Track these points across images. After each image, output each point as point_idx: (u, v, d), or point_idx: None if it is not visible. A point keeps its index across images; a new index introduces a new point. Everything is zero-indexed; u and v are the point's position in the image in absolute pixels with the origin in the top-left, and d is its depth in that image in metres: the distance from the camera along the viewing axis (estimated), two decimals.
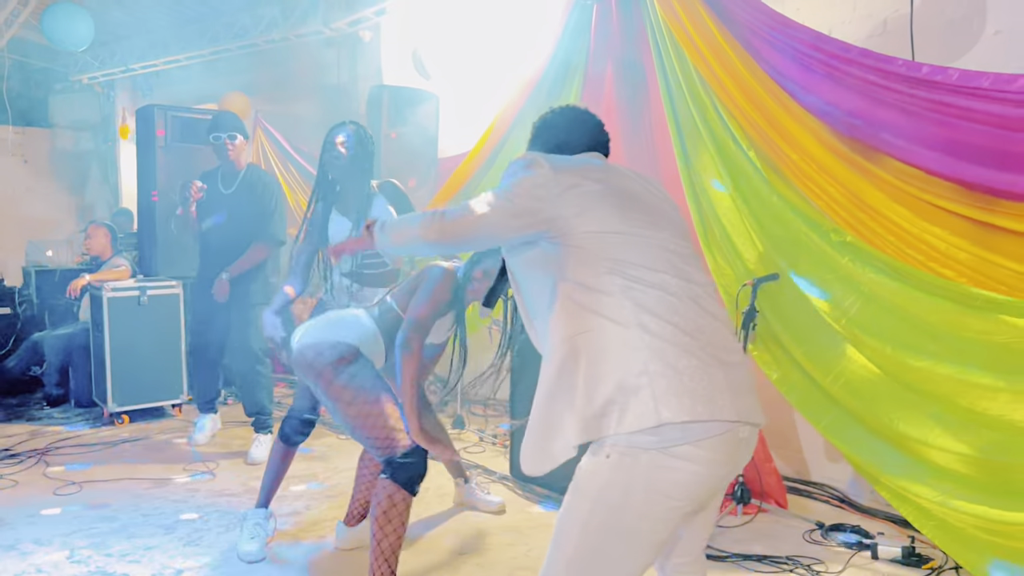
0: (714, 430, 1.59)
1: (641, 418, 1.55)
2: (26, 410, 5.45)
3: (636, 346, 1.60)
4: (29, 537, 3.28)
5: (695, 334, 1.64)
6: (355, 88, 6.43)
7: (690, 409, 1.55)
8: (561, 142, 1.93)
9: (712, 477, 1.63)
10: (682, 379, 1.58)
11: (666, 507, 1.61)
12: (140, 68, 7.97)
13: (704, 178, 3.59)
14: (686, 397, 1.56)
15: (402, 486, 2.65)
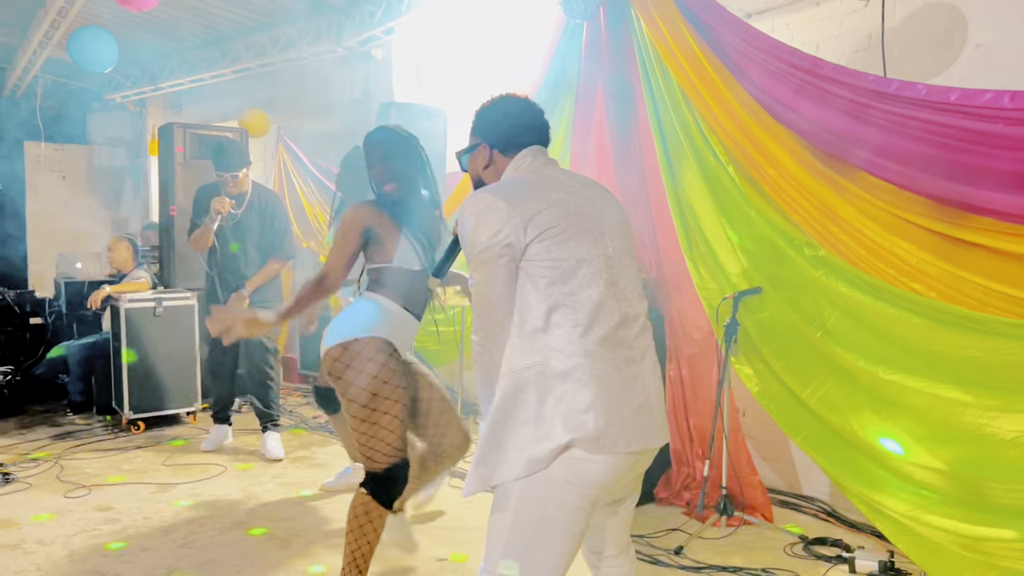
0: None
1: (586, 450, 1.74)
2: (50, 416, 5.68)
3: (585, 383, 1.75)
4: (34, 537, 3.44)
5: (628, 370, 1.82)
6: (369, 105, 6.59)
7: (626, 444, 1.77)
8: (509, 134, 1.98)
9: (624, 468, 1.80)
10: (622, 415, 1.78)
11: (581, 495, 1.76)
12: (168, 87, 8.26)
13: (689, 194, 3.63)
14: (625, 433, 1.77)
15: (380, 503, 2.72)
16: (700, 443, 3.85)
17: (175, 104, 9.09)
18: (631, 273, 1.93)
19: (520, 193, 1.84)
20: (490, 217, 1.78)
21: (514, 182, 1.92)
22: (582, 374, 1.76)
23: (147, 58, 8.35)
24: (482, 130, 2.03)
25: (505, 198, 1.81)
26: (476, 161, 2.04)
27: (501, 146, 1.99)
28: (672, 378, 3.93)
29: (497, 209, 1.79)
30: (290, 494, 4.05)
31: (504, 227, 1.77)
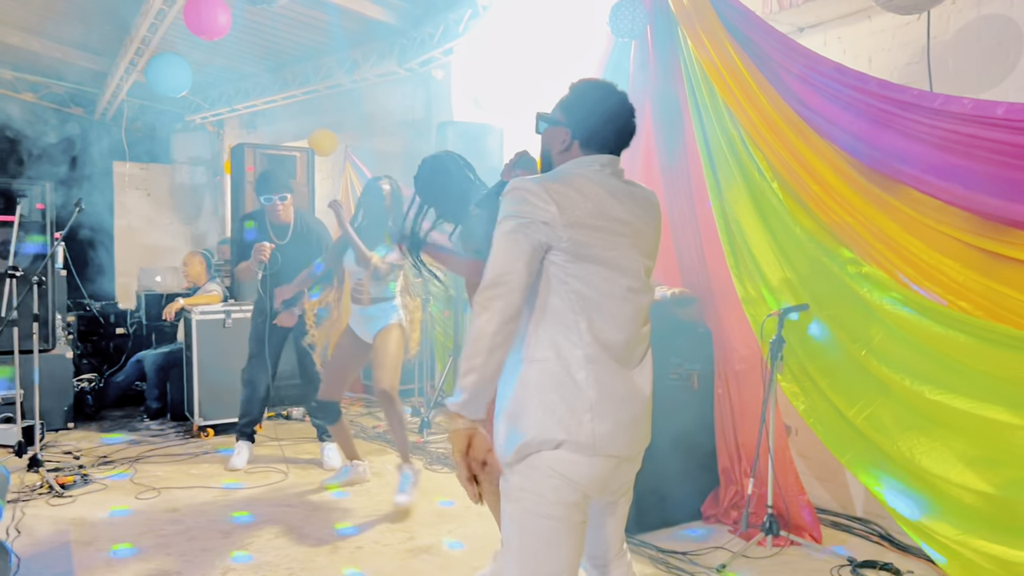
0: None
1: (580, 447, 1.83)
2: (128, 421, 6.01)
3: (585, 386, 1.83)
4: (106, 536, 3.67)
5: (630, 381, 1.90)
6: (430, 124, 6.78)
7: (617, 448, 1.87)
8: (595, 131, 1.93)
9: (610, 470, 1.88)
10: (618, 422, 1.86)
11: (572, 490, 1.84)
12: (243, 108, 8.65)
13: (735, 210, 3.63)
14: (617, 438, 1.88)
15: None
16: (748, 461, 3.82)
17: (249, 125, 9.52)
18: (649, 294, 2.00)
19: (572, 197, 1.84)
20: (536, 200, 1.79)
21: (571, 183, 1.86)
22: (586, 378, 1.83)
23: (223, 81, 8.78)
24: (570, 112, 1.96)
25: (556, 195, 1.81)
26: (553, 138, 1.99)
27: (583, 139, 1.93)
28: (720, 395, 3.91)
29: (545, 198, 1.79)
30: (345, 500, 4.19)
31: (545, 215, 1.78)
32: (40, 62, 9.18)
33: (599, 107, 1.95)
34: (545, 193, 1.80)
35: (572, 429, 1.82)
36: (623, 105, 1.97)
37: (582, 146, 1.94)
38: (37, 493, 4.21)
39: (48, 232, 5.68)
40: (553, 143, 1.99)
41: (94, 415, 6.10)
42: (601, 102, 1.95)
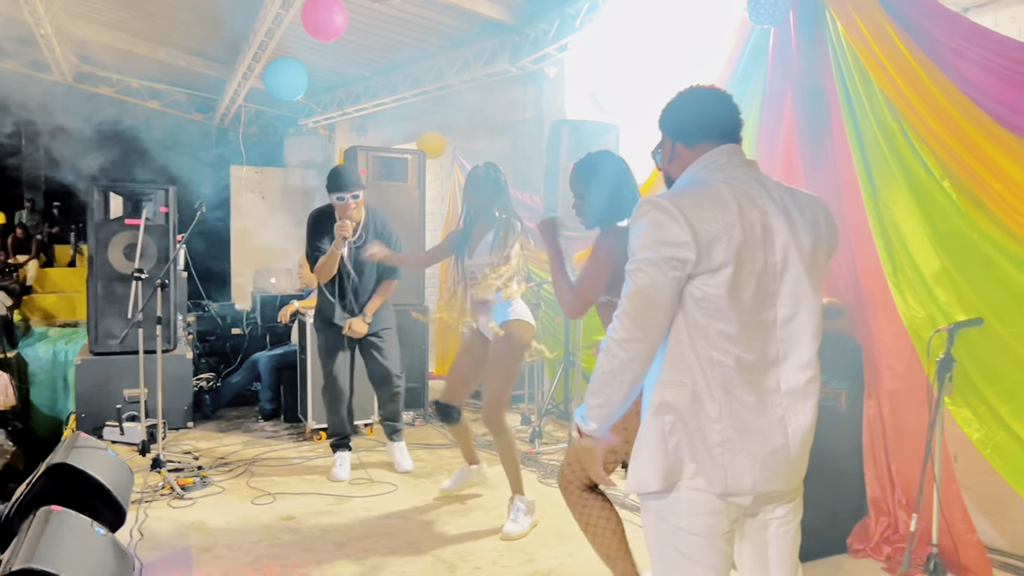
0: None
1: (711, 487, 1.73)
2: (243, 422, 6.08)
3: (715, 419, 1.72)
4: (224, 542, 3.64)
5: (767, 411, 1.74)
6: (541, 123, 6.59)
7: (751, 485, 1.74)
8: (689, 124, 1.89)
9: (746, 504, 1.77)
10: (752, 456, 1.72)
11: (708, 525, 1.75)
12: (355, 111, 8.72)
13: (893, 211, 3.25)
14: (754, 474, 1.74)
15: None
16: (904, 491, 3.43)
17: (360, 128, 9.61)
18: (809, 309, 1.77)
19: (705, 210, 1.70)
20: (666, 229, 1.69)
21: (700, 192, 1.76)
22: (721, 409, 1.71)
23: (335, 85, 8.88)
24: (665, 123, 1.96)
25: (686, 213, 1.69)
26: (663, 156, 1.98)
27: (683, 138, 1.89)
28: (870, 416, 3.53)
29: (675, 221, 1.69)
30: (458, 514, 4.04)
31: (678, 242, 1.69)
32: (165, 71, 9.58)
33: (684, 101, 1.92)
34: (679, 213, 1.69)
35: (704, 461, 1.72)
36: (712, 92, 1.93)
37: (685, 144, 1.89)
38: (159, 494, 4.26)
39: (171, 235, 5.81)
40: (664, 160, 1.97)
41: (211, 415, 6.21)
42: (685, 96, 1.93)
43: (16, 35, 8.35)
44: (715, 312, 1.70)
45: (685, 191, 1.78)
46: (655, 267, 1.69)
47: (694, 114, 1.88)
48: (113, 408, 5.41)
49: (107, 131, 9.94)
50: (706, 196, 1.74)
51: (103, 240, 5.71)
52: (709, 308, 1.71)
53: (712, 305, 1.70)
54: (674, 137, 1.91)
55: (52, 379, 9.83)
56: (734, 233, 1.69)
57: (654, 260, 1.69)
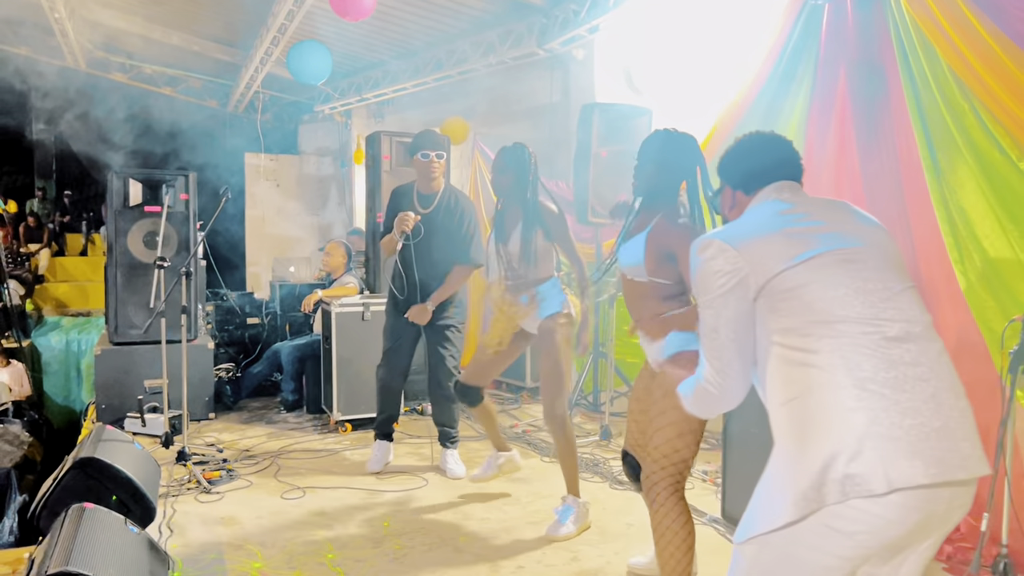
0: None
1: (869, 485, 1.48)
2: (266, 413, 5.96)
3: (853, 407, 1.53)
4: (256, 538, 3.52)
5: (914, 385, 1.55)
6: (568, 107, 6.43)
7: (923, 473, 1.48)
8: (748, 171, 1.90)
9: (914, 509, 1.51)
10: (909, 439, 1.50)
11: (842, 544, 1.53)
12: (373, 97, 8.57)
13: (960, 195, 3.09)
14: (917, 460, 1.49)
15: None
16: None
17: (377, 114, 9.46)
18: (898, 280, 1.70)
19: (754, 240, 1.72)
20: (716, 263, 1.71)
21: (750, 223, 1.80)
22: (851, 399, 1.55)
23: (353, 71, 8.72)
24: (724, 171, 1.98)
25: (736, 244, 1.70)
26: (723, 204, 2.00)
27: (742, 185, 1.91)
28: None
29: (723, 254, 1.70)
30: (494, 510, 3.91)
31: (730, 274, 1.69)
32: (179, 56, 9.44)
33: (743, 148, 1.94)
34: (730, 247, 1.71)
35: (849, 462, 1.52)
36: (770, 138, 1.94)
37: (745, 192, 1.90)
38: (185, 488, 4.14)
39: (191, 222, 5.68)
40: (724, 208, 1.99)
41: (232, 406, 6.09)
42: (744, 143, 1.95)
43: (30, 20, 8.21)
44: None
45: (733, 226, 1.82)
46: (715, 300, 1.72)
47: (753, 161, 1.89)
48: (134, 399, 5.29)
49: (120, 118, 9.81)
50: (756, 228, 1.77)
51: (123, 228, 5.58)
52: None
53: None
54: (734, 185, 1.93)
55: (65, 369, 9.77)
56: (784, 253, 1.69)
57: (714, 296, 1.72)
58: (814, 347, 1.59)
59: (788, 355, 1.62)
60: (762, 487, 1.67)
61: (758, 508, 1.65)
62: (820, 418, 1.55)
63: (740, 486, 3.64)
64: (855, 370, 1.55)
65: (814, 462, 1.53)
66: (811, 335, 1.60)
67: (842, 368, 1.56)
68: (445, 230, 4.33)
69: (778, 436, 1.65)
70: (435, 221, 4.34)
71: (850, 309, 1.61)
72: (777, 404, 1.64)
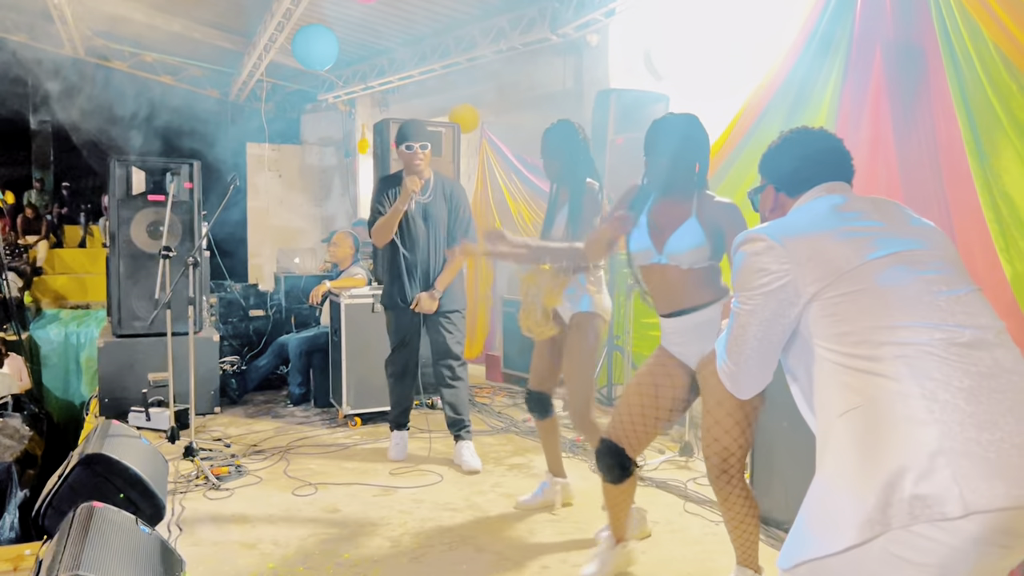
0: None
1: (942, 508, 1.31)
2: (272, 407, 5.83)
3: (923, 420, 1.37)
4: (269, 537, 3.39)
5: (990, 397, 1.40)
6: (580, 95, 6.28)
7: (1005, 495, 1.31)
8: (794, 172, 1.79)
9: (976, 557, 1.33)
10: (987, 457, 1.34)
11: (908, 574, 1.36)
12: (378, 85, 8.41)
13: (1005, 180, 2.96)
14: (997, 480, 1.32)
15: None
16: None
17: (382, 103, 9.30)
18: (964, 283, 1.59)
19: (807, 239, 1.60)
20: (761, 260, 1.62)
21: (802, 220, 1.70)
22: (921, 410, 1.39)
23: (358, 58, 8.56)
24: (768, 170, 1.88)
25: (786, 243, 1.59)
26: (763, 203, 1.91)
27: (787, 187, 1.80)
28: None
29: (771, 252, 1.61)
30: (511, 507, 3.79)
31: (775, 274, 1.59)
32: (180, 44, 9.27)
33: (788, 146, 1.84)
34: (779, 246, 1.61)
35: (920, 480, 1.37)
36: (819, 134, 1.84)
37: (789, 195, 1.80)
38: (194, 484, 4.01)
39: (196, 211, 5.54)
40: (764, 207, 1.90)
41: (237, 399, 5.96)
42: (790, 140, 1.85)
43: (28, 5, 8.03)
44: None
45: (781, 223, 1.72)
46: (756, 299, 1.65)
47: (801, 162, 1.78)
48: (138, 393, 5.16)
49: (119, 107, 9.64)
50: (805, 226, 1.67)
51: (125, 217, 5.43)
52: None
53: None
54: (778, 186, 1.83)
55: (64, 362, 9.63)
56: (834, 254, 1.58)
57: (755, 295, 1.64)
58: (877, 354, 1.46)
59: (846, 362, 1.49)
60: (813, 506, 1.51)
61: (809, 530, 1.49)
62: (885, 431, 1.40)
63: (769, 482, 3.52)
64: (924, 379, 1.41)
65: (879, 480, 1.37)
66: (872, 341, 1.47)
67: (909, 377, 1.42)
68: (441, 217, 4.34)
69: (834, 450, 1.49)
70: (431, 209, 4.33)
71: (916, 314, 1.48)
72: (833, 416, 1.50)
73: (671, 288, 2.63)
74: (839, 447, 1.46)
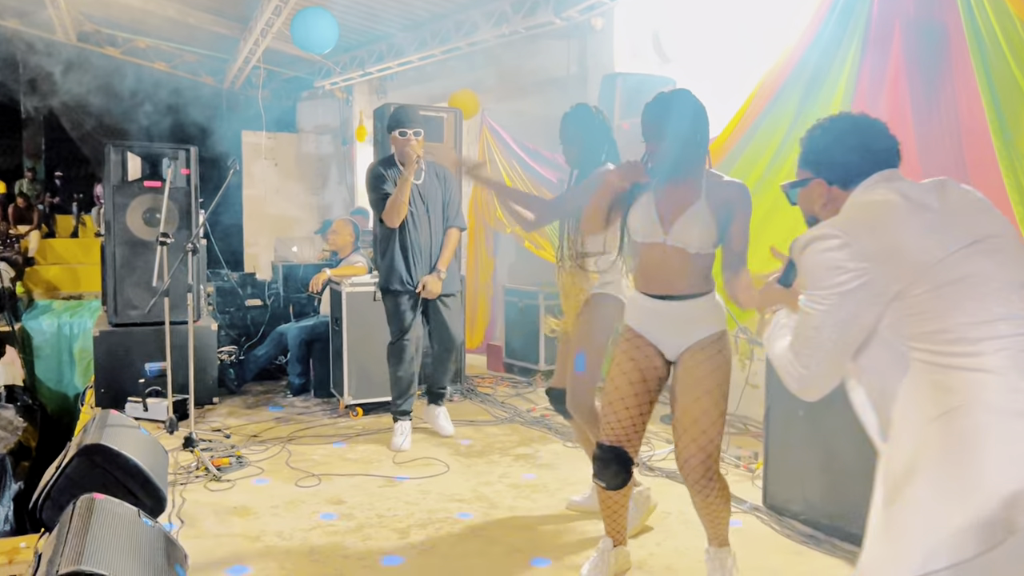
0: None
1: None
2: (271, 397, 5.73)
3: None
4: (272, 529, 3.31)
5: None
6: (584, 80, 6.17)
7: None
8: (847, 163, 1.69)
9: None
10: None
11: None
12: (376, 71, 8.29)
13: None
14: None
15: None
16: None
17: (380, 90, 9.17)
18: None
19: (884, 233, 1.51)
20: (837, 257, 1.52)
21: (871, 214, 1.58)
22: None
23: (356, 44, 8.43)
24: (812, 162, 1.75)
25: (863, 238, 1.49)
26: (809, 198, 1.77)
27: (841, 180, 1.69)
28: None
29: (848, 248, 1.51)
30: (522, 497, 3.71)
31: (854, 273, 1.50)
32: (174, 30, 9.11)
33: (835, 136, 1.72)
34: (856, 241, 1.51)
35: None
36: (865, 122, 1.74)
37: (843, 187, 1.69)
38: (194, 476, 3.91)
39: (192, 198, 5.42)
40: (812, 203, 1.76)
41: (236, 390, 5.86)
42: (835, 130, 1.73)
43: None
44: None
45: (852, 220, 1.60)
46: (831, 297, 1.55)
47: (856, 154, 1.68)
48: (134, 383, 5.05)
49: (112, 95, 9.50)
50: (877, 220, 1.57)
51: (121, 204, 5.31)
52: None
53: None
54: (830, 179, 1.70)
55: (57, 353, 9.52)
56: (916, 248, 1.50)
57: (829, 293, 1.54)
58: (974, 350, 1.39)
59: (941, 361, 1.41)
60: (907, 515, 1.38)
61: (914, 541, 1.36)
62: (994, 428, 1.33)
63: (782, 473, 3.45)
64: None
65: (995, 481, 1.30)
66: (970, 337, 1.41)
67: (1015, 370, 1.36)
68: (437, 199, 4.48)
69: (932, 457, 1.38)
70: (426, 192, 4.45)
71: (1009, 305, 1.43)
72: (925, 419, 1.40)
73: (671, 271, 2.53)
74: (940, 452, 1.37)
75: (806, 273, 1.59)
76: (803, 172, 1.78)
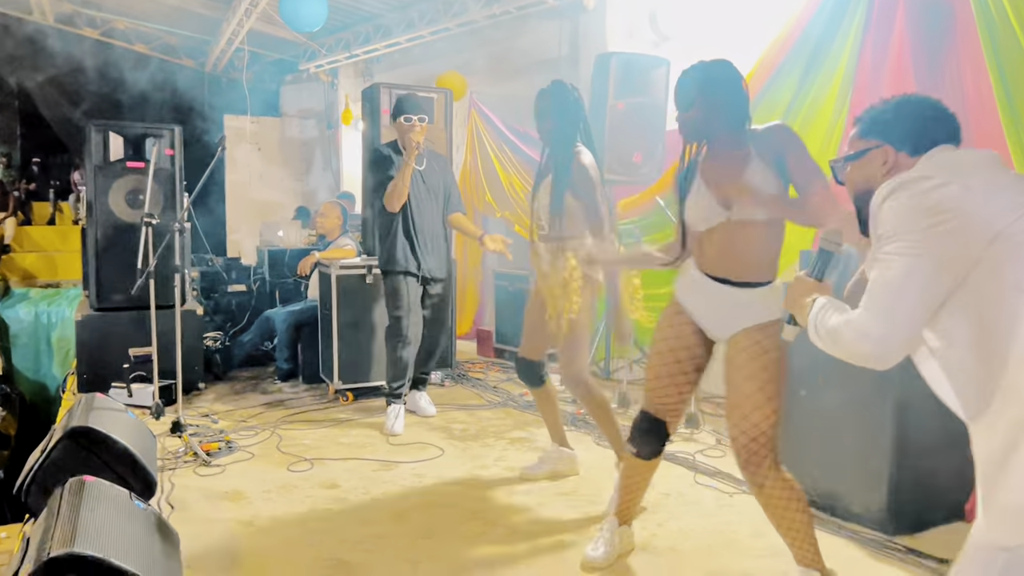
0: None
1: None
2: (259, 383, 5.63)
3: None
4: (266, 513, 3.22)
5: None
6: (576, 61, 6.09)
7: None
8: (918, 130, 1.63)
9: None
10: None
11: None
12: (363, 54, 8.15)
13: None
14: None
15: None
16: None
17: (366, 72, 9.03)
18: None
19: (974, 177, 1.44)
20: (930, 198, 1.44)
21: (955, 161, 1.53)
22: None
23: (341, 26, 8.29)
24: (879, 130, 1.68)
25: (955, 175, 1.43)
26: (870, 166, 1.68)
27: (909, 146, 1.62)
28: None
29: (943, 189, 1.44)
30: (519, 481, 3.64)
31: (950, 212, 1.42)
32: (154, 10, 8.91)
33: (905, 107, 1.67)
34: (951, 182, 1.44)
35: None
36: (932, 101, 1.68)
37: (911, 153, 1.62)
38: (183, 461, 3.82)
39: (177, 179, 5.29)
40: (873, 172, 1.67)
41: (222, 376, 5.75)
42: (904, 103, 1.68)
43: None
44: None
45: (950, 167, 1.52)
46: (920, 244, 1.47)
47: (926, 122, 1.63)
48: (118, 368, 4.93)
49: (90, 77, 9.27)
50: (979, 171, 1.50)
51: (103, 185, 5.16)
52: None
53: None
54: (897, 144, 1.64)
55: (35, 342, 9.33)
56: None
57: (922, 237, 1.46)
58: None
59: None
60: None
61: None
62: None
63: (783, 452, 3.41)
64: None
65: None
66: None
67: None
68: (439, 184, 4.53)
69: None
70: (428, 177, 4.48)
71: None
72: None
73: (735, 250, 2.41)
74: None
75: (888, 223, 1.49)
76: (865, 142, 1.70)
